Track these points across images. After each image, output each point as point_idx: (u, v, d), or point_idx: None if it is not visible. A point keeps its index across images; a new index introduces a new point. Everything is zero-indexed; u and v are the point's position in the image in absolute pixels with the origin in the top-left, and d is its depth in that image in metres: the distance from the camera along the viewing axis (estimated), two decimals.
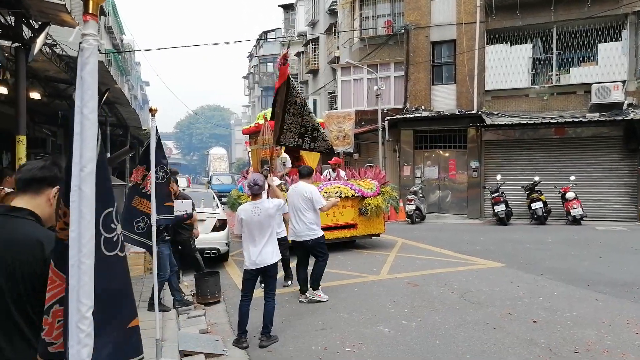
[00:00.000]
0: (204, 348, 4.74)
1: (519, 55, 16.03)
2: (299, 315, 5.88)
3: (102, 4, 1.27)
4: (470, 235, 12.25)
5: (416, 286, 7.06)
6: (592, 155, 14.97)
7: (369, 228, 10.02)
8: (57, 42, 7.21)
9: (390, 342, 4.97)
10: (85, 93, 1.28)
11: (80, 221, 1.42)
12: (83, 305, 1.47)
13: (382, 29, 19.20)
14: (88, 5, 1.22)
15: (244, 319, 5.05)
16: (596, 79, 14.92)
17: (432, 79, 17.42)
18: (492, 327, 5.30)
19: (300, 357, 4.66)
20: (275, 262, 5.09)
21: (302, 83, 32.95)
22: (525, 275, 7.62)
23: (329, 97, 24.27)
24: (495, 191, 14.22)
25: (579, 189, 13.90)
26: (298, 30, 35.73)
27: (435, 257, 9.20)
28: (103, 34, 24.89)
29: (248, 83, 55.27)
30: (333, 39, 23.77)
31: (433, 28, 17.20)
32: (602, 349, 4.63)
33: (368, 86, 18.88)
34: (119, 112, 13.12)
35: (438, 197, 17.08)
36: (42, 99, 9.30)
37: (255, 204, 5.08)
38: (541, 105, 15.72)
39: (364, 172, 10.81)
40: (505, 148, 16.03)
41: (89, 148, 1.33)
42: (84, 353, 1.51)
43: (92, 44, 1.26)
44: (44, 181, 1.89)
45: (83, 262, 1.45)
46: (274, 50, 42.27)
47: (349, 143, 12.17)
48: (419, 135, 17.24)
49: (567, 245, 10.40)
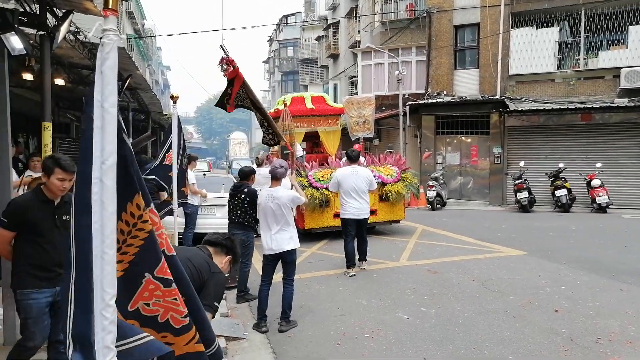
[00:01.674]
0: (225, 331, 4.83)
1: (545, 38, 15.60)
2: (318, 301, 5.93)
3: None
4: (492, 222, 12.12)
5: (436, 273, 7.04)
6: (619, 142, 14.56)
7: (389, 214, 10.00)
8: (80, 30, 7.31)
9: (409, 328, 4.98)
10: (106, 87, 1.30)
11: (102, 213, 1.45)
12: (107, 294, 1.51)
13: (403, 13, 18.88)
14: (108, 1, 1.23)
15: (264, 304, 5.12)
16: (626, 63, 14.43)
17: (454, 64, 17.10)
18: (512, 315, 5.27)
19: (319, 342, 4.72)
20: (292, 248, 5.11)
21: (322, 67, 32.78)
22: (547, 264, 7.52)
23: (350, 82, 24.08)
24: (518, 178, 14.00)
25: (605, 177, 13.58)
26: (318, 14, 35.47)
27: (455, 244, 9.14)
28: (125, 19, 25.08)
29: (268, 67, 55.16)
30: (354, 23, 23.50)
31: (456, 11, 16.84)
32: (625, 339, 4.57)
33: (389, 71, 18.66)
34: (141, 98, 13.28)
35: (459, 184, 16.90)
36: (66, 85, 9.47)
37: (271, 191, 5.10)
38: (567, 91, 15.32)
39: (384, 158, 10.75)
40: (529, 134, 15.71)
41: (109, 141, 1.35)
42: (108, 340, 1.56)
43: (112, 39, 1.28)
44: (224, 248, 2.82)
45: (106, 252, 1.48)
46: (295, 35, 42.06)
47: (369, 129, 12.06)
48: (440, 120, 17.01)
49: (592, 233, 10.21)
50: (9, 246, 3.25)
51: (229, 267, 2.86)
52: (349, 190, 7.07)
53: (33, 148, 12.52)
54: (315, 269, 7.41)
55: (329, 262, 7.80)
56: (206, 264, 2.59)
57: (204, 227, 8.61)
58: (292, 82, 42.60)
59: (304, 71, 38.10)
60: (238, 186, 6.12)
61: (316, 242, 9.33)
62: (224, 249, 2.81)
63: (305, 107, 10.90)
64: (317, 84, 34.37)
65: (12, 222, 3.16)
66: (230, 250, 2.84)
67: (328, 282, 6.72)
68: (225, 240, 2.84)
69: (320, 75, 34.45)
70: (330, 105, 11.44)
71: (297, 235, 5.24)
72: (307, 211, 9.05)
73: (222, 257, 2.79)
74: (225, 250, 2.81)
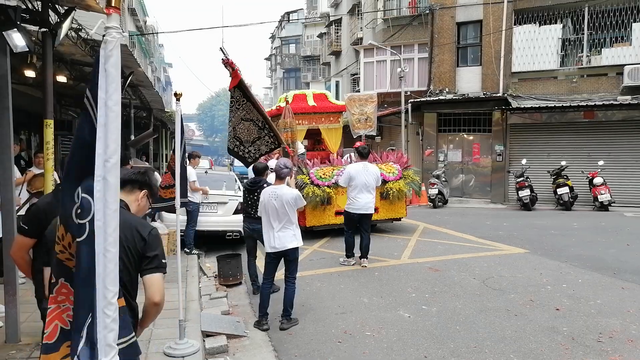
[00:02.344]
0: (226, 329, 4.84)
1: (547, 36, 15.54)
2: (319, 299, 5.94)
3: None
4: (494, 220, 12.11)
5: (437, 271, 7.04)
6: (622, 140, 14.51)
7: (390, 212, 9.99)
8: (82, 27, 7.29)
9: (410, 326, 4.99)
10: (110, 85, 1.30)
11: (105, 210, 1.46)
12: (109, 292, 1.52)
13: (406, 10, 18.85)
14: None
15: (265, 301, 5.12)
16: (629, 60, 14.37)
17: (456, 61, 17.05)
18: (513, 314, 5.27)
19: (320, 340, 4.72)
20: (295, 247, 5.10)
21: (324, 65, 32.74)
22: (549, 262, 7.52)
23: (352, 79, 24.06)
24: (519, 176, 13.98)
25: (607, 175, 13.55)
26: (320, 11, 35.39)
27: (457, 242, 9.14)
28: (127, 16, 25.06)
29: (270, 64, 55.12)
30: (356, 20, 23.45)
31: (459, 8, 16.79)
32: (626, 338, 4.56)
33: (391, 68, 18.63)
34: (143, 95, 13.25)
35: (461, 181, 16.88)
36: (68, 82, 9.45)
37: (275, 189, 5.09)
38: (570, 88, 15.27)
39: (385, 155, 10.74)
40: (531, 132, 15.67)
41: (113, 140, 1.35)
42: (110, 337, 1.56)
43: (115, 36, 1.27)
44: (136, 183, 2.48)
45: (108, 250, 1.49)
46: (297, 32, 42.00)
47: (371, 126, 12.06)
48: (442, 118, 16.98)
49: (594, 231, 10.20)
50: (28, 255, 3.07)
51: (147, 202, 2.53)
52: (360, 185, 7.29)
53: (35, 145, 12.53)
54: (317, 267, 7.41)
55: (331, 260, 7.81)
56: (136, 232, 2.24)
57: (206, 225, 8.63)
58: (294, 79, 42.58)
59: (306, 68, 38.08)
60: (257, 181, 6.20)
61: (318, 239, 9.33)
62: (137, 184, 2.48)
63: (307, 105, 10.90)
64: (319, 81, 34.35)
65: (32, 228, 2.98)
66: (143, 184, 2.50)
67: (329, 280, 6.72)
68: (135, 175, 2.50)
69: (322, 73, 34.43)
70: (332, 103, 11.43)
71: (300, 233, 5.24)
72: (309, 209, 9.05)
73: (137, 194, 2.47)
74: (138, 185, 2.48)
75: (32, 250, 3.08)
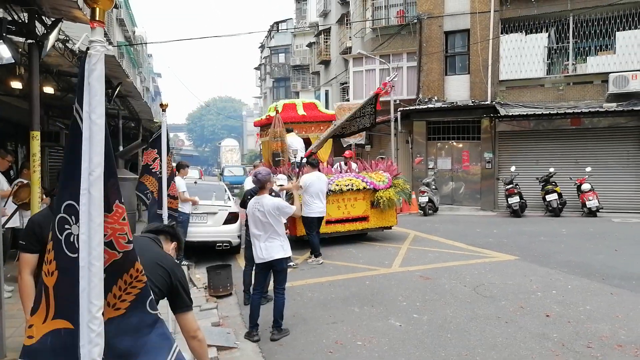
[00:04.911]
0: (216, 341, 4.79)
1: (534, 44, 15.76)
2: (310, 309, 5.91)
3: (108, 10, 1.27)
4: (484, 227, 12.17)
5: (428, 279, 7.05)
6: (608, 146, 14.71)
7: (380, 220, 10.01)
8: (69, 38, 7.26)
9: (401, 335, 4.98)
10: (93, 99, 1.29)
11: (89, 224, 1.44)
12: (93, 306, 1.50)
13: (394, 19, 19.01)
14: (95, 12, 1.23)
15: (256, 312, 5.09)
16: (614, 68, 14.60)
17: (445, 70, 17.19)
18: (504, 321, 5.28)
19: (311, 351, 4.70)
20: (283, 257, 5.07)
21: (313, 74, 32.87)
22: (539, 269, 7.56)
23: (341, 88, 24.17)
24: (509, 183, 14.08)
25: (595, 181, 13.69)
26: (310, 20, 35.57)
27: (447, 250, 9.16)
28: (115, 26, 25.01)
29: (260, 74, 55.20)
30: (345, 29, 23.62)
31: (446, 17, 16.96)
32: (615, 343, 4.59)
33: (380, 77, 18.73)
34: (131, 105, 13.18)
35: (451, 189, 16.96)
36: (55, 93, 9.38)
37: (258, 199, 5.09)
38: (557, 96, 15.47)
39: (375, 164, 10.77)
40: (520, 139, 15.83)
41: (97, 152, 1.34)
42: (95, 352, 1.54)
43: (99, 50, 1.27)
44: (168, 235, 2.82)
45: (93, 264, 1.47)
46: (286, 41, 42.15)
47: (361, 135, 12.11)
48: (432, 126, 17.08)
49: (582, 237, 10.28)
50: (30, 277, 2.94)
51: (175, 254, 2.85)
52: (316, 192, 8.26)
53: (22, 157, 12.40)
54: (308, 277, 7.39)
55: (321, 270, 7.79)
56: (171, 262, 2.56)
57: (196, 235, 8.57)
58: (283, 88, 42.65)
59: (296, 77, 38.19)
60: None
61: (308, 249, 9.29)
62: (168, 236, 2.82)
63: (296, 114, 10.93)
64: (309, 90, 34.45)
65: (30, 243, 2.94)
66: (174, 236, 2.86)
67: (320, 290, 6.70)
68: (168, 228, 2.89)
69: (312, 82, 34.55)
70: (321, 112, 11.47)
71: (289, 244, 5.22)
72: (298, 218, 9.03)
73: (169, 245, 2.80)
74: (169, 236, 2.82)
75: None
